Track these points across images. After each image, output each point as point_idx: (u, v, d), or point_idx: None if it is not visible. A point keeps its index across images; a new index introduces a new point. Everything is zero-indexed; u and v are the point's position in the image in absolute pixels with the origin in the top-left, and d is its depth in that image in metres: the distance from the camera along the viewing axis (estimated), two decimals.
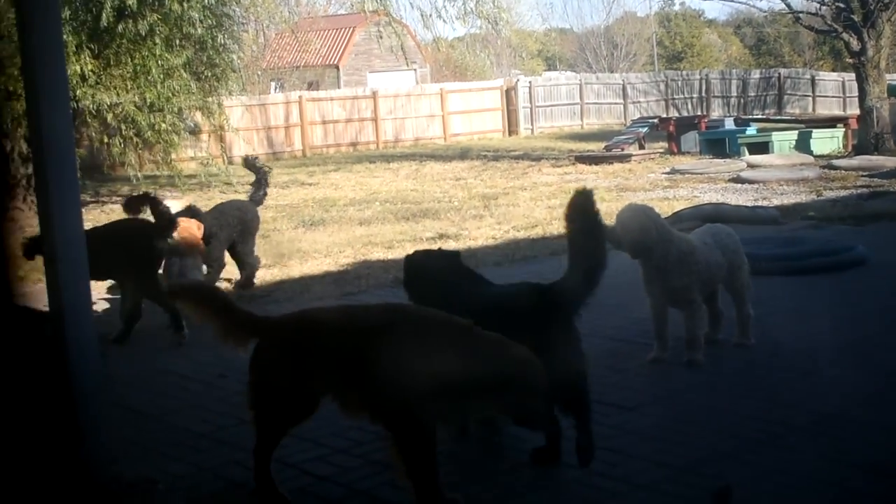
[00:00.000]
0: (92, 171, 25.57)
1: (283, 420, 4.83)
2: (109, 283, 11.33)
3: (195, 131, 24.32)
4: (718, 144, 25.73)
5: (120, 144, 20.01)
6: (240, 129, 31.16)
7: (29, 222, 17.52)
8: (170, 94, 19.58)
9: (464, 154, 31.10)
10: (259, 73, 44.52)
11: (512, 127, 41.51)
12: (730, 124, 28.26)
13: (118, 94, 19.12)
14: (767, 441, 5.42)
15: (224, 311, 4.84)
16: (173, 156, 20.91)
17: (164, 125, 19.74)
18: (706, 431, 5.60)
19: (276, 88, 46.58)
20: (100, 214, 19.39)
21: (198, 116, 23.23)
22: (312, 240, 14.04)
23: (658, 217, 7.05)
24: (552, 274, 10.61)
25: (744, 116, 35.93)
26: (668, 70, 57.86)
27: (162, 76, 19.60)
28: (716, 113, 44.08)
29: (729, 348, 7.32)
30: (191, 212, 10.26)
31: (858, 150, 24.05)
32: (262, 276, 11.31)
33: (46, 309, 4.97)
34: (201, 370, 7.48)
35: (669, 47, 78.80)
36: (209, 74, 21.84)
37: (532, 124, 41.88)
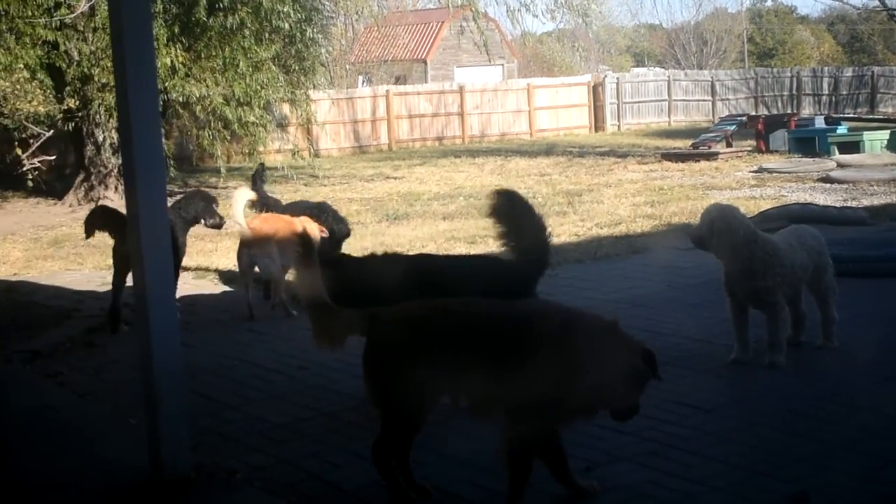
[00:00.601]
0: (181, 162, 25.95)
1: (417, 419, 4.72)
2: (196, 269, 11.52)
3: (283, 124, 24.55)
4: (808, 143, 25.35)
5: (208, 136, 20.28)
6: (326, 123, 31.40)
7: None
8: (258, 87, 19.79)
9: (549, 150, 31.01)
10: (347, 67, 44.88)
11: (598, 123, 41.31)
12: (820, 123, 27.81)
13: (207, 87, 19.38)
14: (847, 446, 5.34)
15: (327, 308, 4.86)
16: (260, 148, 21.12)
17: (251, 118, 19.96)
18: (785, 435, 5.54)
19: (363, 82, 46.88)
20: None
21: (285, 109, 23.45)
22: (395, 233, 14.11)
23: (744, 217, 6.99)
24: (634, 272, 10.62)
25: (835, 115, 35.38)
26: (758, 67, 57.18)
27: (250, 69, 19.83)
28: (806, 111, 43.48)
29: (811, 351, 7.23)
30: (318, 209, 10.37)
31: None
32: None
33: None
34: (282, 362, 7.57)
35: (760, 44, 77.85)
36: (297, 68, 22.06)
37: (619, 121, 41.65)
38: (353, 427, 5.92)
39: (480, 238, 13.07)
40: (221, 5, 19.07)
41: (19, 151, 20.50)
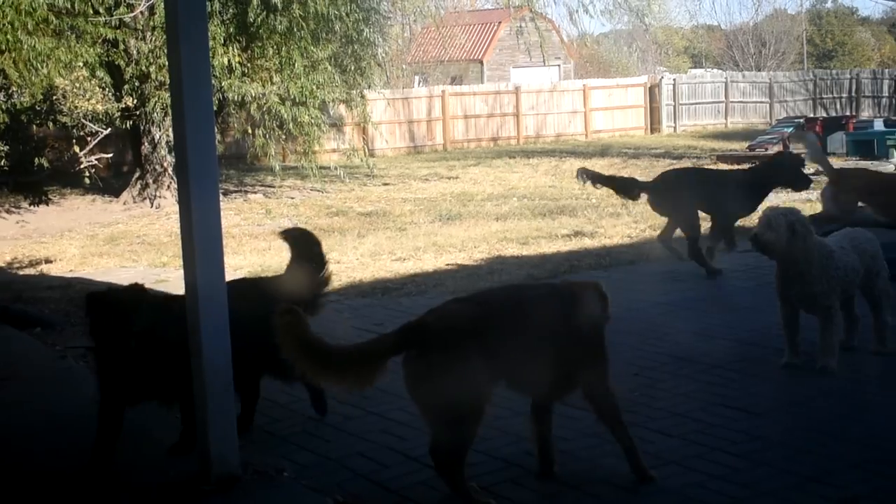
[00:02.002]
0: (236, 161, 26.16)
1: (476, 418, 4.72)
2: (250, 267, 11.60)
3: (338, 124, 24.65)
4: (866, 146, 25.10)
5: (263, 136, 20.40)
6: (382, 123, 31.49)
7: (173, 209, 18.02)
8: (313, 87, 19.87)
9: (604, 151, 30.90)
10: (403, 67, 44.97)
11: (654, 124, 41.11)
12: (879, 125, 27.53)
13: (263, 86, 19.49)
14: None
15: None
16: (315, 147, 21.21)
17: (306, 118, 20.04)
18: (836, 440, 5.49)
19: (419, 82, 46.96)
20: (242, 203, 19.83)
21: (341, 109, 23.54)
22: (448, 234, 14.13)
23: (805, 219, 6.92)
24: (685, 274, 10.56)
25: (894, 118, 34.97)
26: (817, 69, 56.64)
27: (307, 69, 19.92)
28: (865, 113, 43.00)
29: (865, 356, 7.16)
30: None
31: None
32: (396, 269, 11.43)
33: None
34: None
35: (820, 45, 77.11)
36: (353, 68, 22.12)
37: (675, 122, 41.41)
38: (401, 426, 5.93)
39: (533, 239, 13.07)
40: (277, 5, 19.15)
41: (77, 149, 20.72)
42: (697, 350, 7.41)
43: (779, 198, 16.69)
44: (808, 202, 15.58)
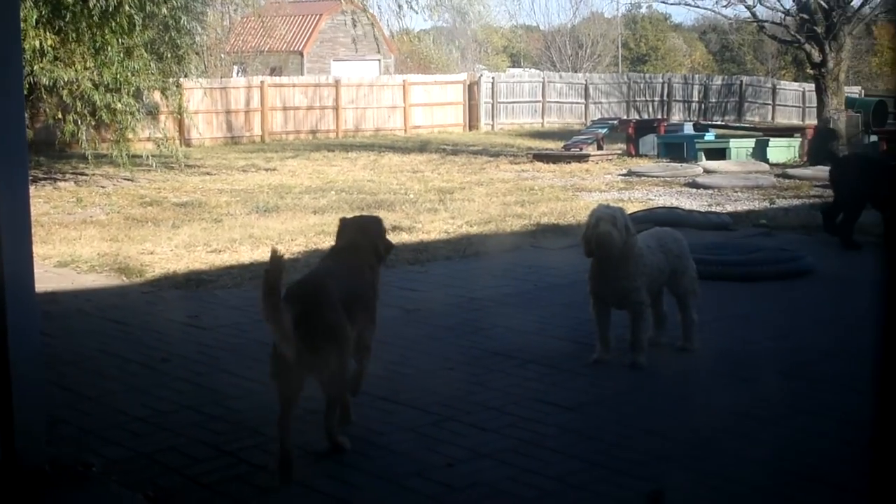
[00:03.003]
0: (46, 148, 25.38)
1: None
2: (59, 257, 11.28)
3: (153, 112, 24.12)
4: (676, 148, 25.86)
5: (74, 122, 19.82)
6: (199, 112, 31.01)
7: None
8: (128, 74, 19.40)
9: (423, 147, 31.08)
10: (222, 56, 44.36)
11: (473, 122, 41.53)
12: (689, 129, 28.37)
13: (76, 71, 18.95)
14: (705, 445, 5.45)
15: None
16: (129, 136, 20.72)
17: (120, 105, 19.56)
18: (645, 434, 5.62)
19: (238, 72, 46.38)
20: (52, 191, 19.26)
21: (157, 97, 23.07)
22: (265, 226, 13.98)
23: (629, 219, 7.06)
24: (502, 270, 10.70)
25: (703, 122, 36.11)
26: (631, 72, 58.06)
27: (122, 55, 19.44)
28: (676, 117, 44.35)
29: (672, 352, 7.36)
30: None
31: (813, 160, 24.24)
32: (212, 260, 11.27)
33: None
34: (145, 353, 7.43)
35: (634, 49, 79.18)
36: (170, 56, 21.67)
37: (493, 120, 41.92)
38: (215, 421, 5.84)
39: None
40: None
41: None
42: (512, 345, 7.50)
43: (591, 196, 17.07)
44: (620, 202, 15.96)
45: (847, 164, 12.76)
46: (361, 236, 5.97)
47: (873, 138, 26.35)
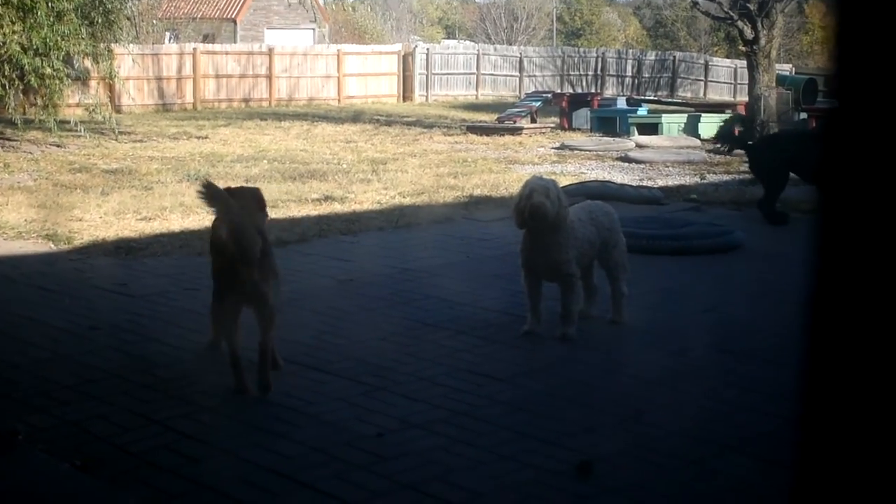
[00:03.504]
0: None
1: None
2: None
3: (83, 78, 23.77)
4: (609, 123, 25.98)
5: (2, 87, 19.49)
6: (130, 78, 30.61)
7: None
8: (58, 38, 19.10)
9: (356, 117, 30.96)
10: (154, 22, 43.78)
11: (407, 93, 41.43)
12: (622, 104, 28.52)
13: (3, 35, 18.62)
14: (634, 417, 5.50)
15: None
16: (58, 101, 20.42)
17: (49, 70, 19.27)
18: (574, 405, 5.66)
19: (170, 39, 45.85)
20: None
21: (87, 63, 22.73)
22: (195, 194, 13.84)
23: (561, 191, 7.10)
24: (435, 241, 10.71)
25: (636, 97, 36.33)
26: (565, 46, 58.23)
27: (51, 19, 19.13)
28: (609, 91, 44.52)
29: (602, 325, 7.41)
30: None
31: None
32: (142, 228, 11.16)
33: None
34: (72, 321, 7.34)
35: (569, 23, 79.39)
36: (102, 21, 21.36)
37: (427, 91, 41.84)
38: (144, 389, 5.80)
39: (283, 202, 12.97)
40: None
41: None
42: (444, 316, 7.51)
43: (524, 169, 17.11)
44: (553, 175, 16.01)
45: (756, 148, 12.79)
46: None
47: (803, 115, 26.67)
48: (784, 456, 4.92)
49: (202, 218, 11.81)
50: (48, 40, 18.88)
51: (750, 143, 13.18)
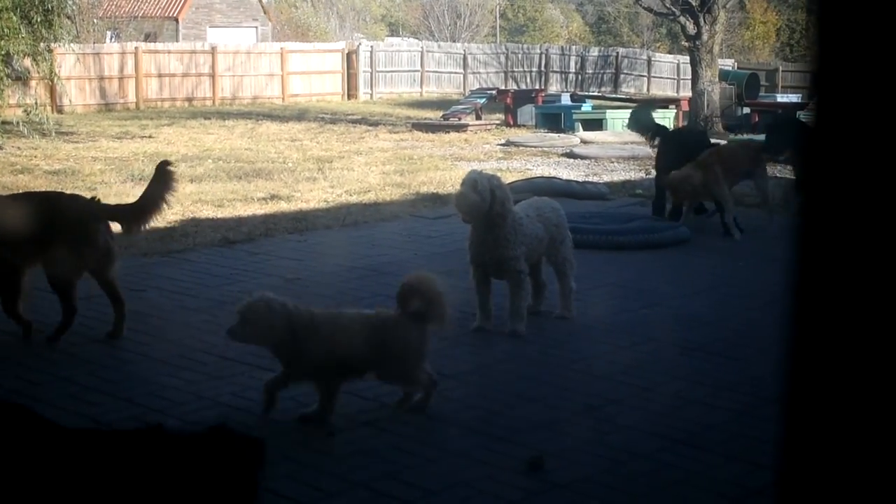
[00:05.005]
0: None
1: None
2: None
3: (23, 77, 23.50)
4: (554, 119, 26.05)
5: None
6: (71, 78, 30.32)
7: None
8: None
9: (301, 115, 30.84)
10: (95, 21, 43.38)
11: (351, 91, 41.31)
12: (566, 100, 28.62)
13: None
14: (584, 412, 5.53)
15: None
16: None
17: None
18: (525, 401, 5.68)
19: (112, 38, 45.43)
20: None
21: (27, 62, 22.47)
22: (140, 195, 13.71)
23: (504, 185, 7.11)
24: (382, 239, 10.69)
25: (580, 93, 36.48)
26: (509, 42, 58.30)
27: None
28: (553, 88, 44.67)
29: (551, 320, 7.43)
30: None
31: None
32: None
33: None
34: (17, 325, 7.25)
35: (512, 20, 79.51)
36: (41, 20, 21.11)
37: (372, 89, 41.76)
38: (90, 392, 5.75)
39: (228, 202, 12.90)
40: None
41: None
42: None
43: (470, 165, 17.12)
44: (499, 171, 16.04)
45: (668, 139, 12.38)
46: None
47: (746, 110, 26.91)
48: (733, 449, 4.98)
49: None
50: None
51: (665, 129, 13.03)
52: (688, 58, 29.88)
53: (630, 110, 25.77)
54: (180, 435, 3.52)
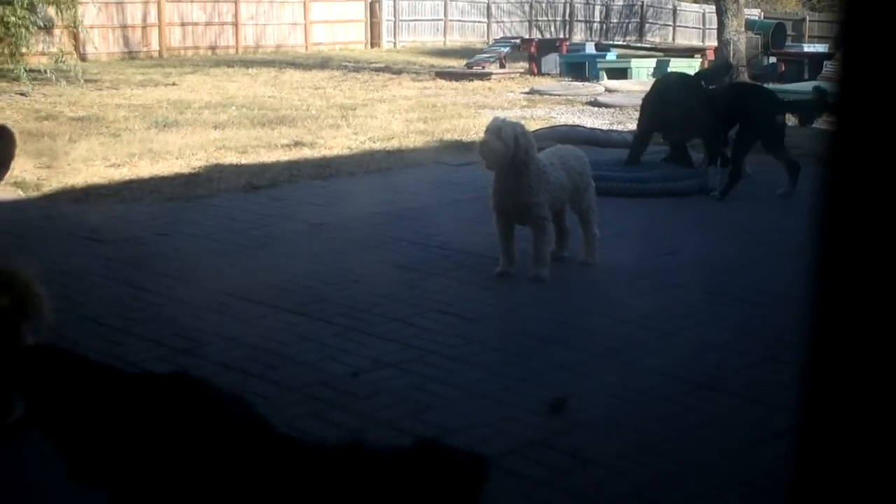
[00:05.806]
0: None
1: None
2: None
3: (48, 26, 23.50)
4: (578, 68, 25.94)
5: None
6: (95, 27, 30.28)
7: None
8: None
9: (324, 64, 30.75)
10: None
11: (374, 39, 41.15)
12: (590, 49, 28.48)
13: None
14: (606, 355, 5.55)
15: None
16: (24, 50, 20.19)
17: (13, 18, 19.03)
18: (547, 344, 5.70)
19: None
20: None
21: (51, 11, 22.47)
22: (164, 141, 13.77)
23: (529, 132, 7.12)
24: (405, 185, 10.70)
25: (605, 42, 36.25)
26: None
27: None
28: (578, 37, 44.38)
29: (574, 266, 7.45)
30: None
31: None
32: (111, 175, 11.09)
33: None
34: (43, 267, 7.29)
35: None
36: None
37: (395, 38, 41.59)
38: (115, 333, 5.81)
39: (252, 148, 12.92)
40: None
41: None
42: (416, 259, 7.53)
43: (494, 113, 17.07)
44: (523, 119, 16.00)
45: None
46: None
47: (772, 59, 26.70)
48: (755, 393, 4.99)
49: (171, 164, 11.77)
50: None
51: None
52: (713, 7, 29.62)
53: (655, 60, 25.78)
54: (383, 452, 2.54)
